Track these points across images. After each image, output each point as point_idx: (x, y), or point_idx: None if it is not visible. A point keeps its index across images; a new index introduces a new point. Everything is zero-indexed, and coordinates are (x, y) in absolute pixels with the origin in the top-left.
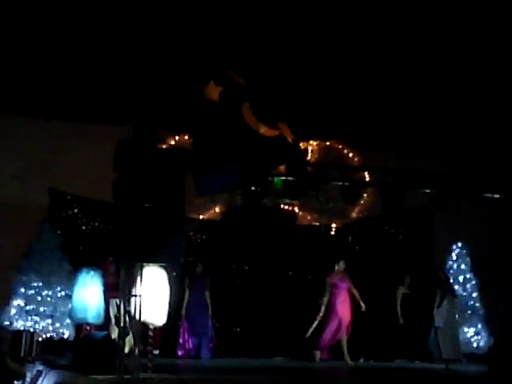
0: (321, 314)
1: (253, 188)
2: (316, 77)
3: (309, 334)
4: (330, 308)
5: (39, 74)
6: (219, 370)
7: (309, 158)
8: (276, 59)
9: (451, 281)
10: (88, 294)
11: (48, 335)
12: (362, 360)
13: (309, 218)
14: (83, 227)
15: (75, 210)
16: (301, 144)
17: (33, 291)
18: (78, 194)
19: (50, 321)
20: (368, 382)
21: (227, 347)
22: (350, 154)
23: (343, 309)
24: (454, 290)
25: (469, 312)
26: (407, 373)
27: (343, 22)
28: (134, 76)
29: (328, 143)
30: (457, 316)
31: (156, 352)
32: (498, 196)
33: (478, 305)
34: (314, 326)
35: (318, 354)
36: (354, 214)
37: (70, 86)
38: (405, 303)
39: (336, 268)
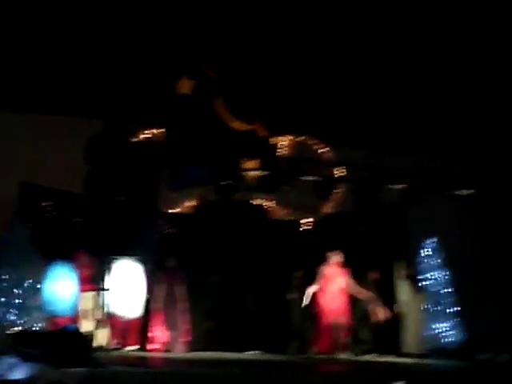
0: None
1: (225, 182)
2: (289, 72)
3: None
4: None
5: (8, 66)
6: (192, 364)
7: (282, 153)
8: (249, 54)
9: (421, 277)
10: (60, 287)
11: (20, 328)
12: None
13: (281, 213)
14: (56, 220)
15: (47, 203)
16: (274, 139)
17: (5, 284)
18: (52, 186)
19: (21, 313)
20: (339, 376)
21: (200, 341)
22: (323, 150)
23: (326, 303)
24: (420, 287)
25: (442, 307)
26: (381, 366)
27: (313, 16)
28: (107, 69)
29: (301, 139)
30: (424, 312)
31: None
32: (469, 192)
33: (450, 300)
34: None
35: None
36: (326, 210)
37: (42, 79)
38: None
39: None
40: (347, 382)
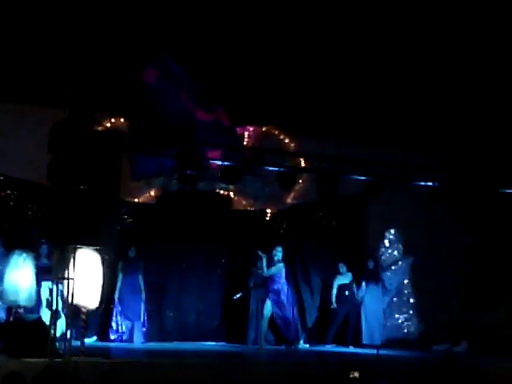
0: None
1: (189, 172)
2: (254, 61)
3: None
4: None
5: None
6: (152, 354)
7: (245, 142)
8: (213, 43)
9: (381, 267)
10: (20, 276)
11: None
12: (298, 345)
13: (244, 202)
14: (16, 208)
15: (8, 191)
16: (237, 129)
17: None
18: (12, 175)
19: None
20: (299, 366)
21: (160, 331)
22: (287, 140)
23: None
24: (379, 278)
25: (400, 298)
26: (337, 357)
27: (276, 3)
28: (71, 57)
29: (264, 128)
30: (382, 304)
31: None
32: (431, 184)
33: (409, 291)
34: None
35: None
36: (289, 200)
37: (6, 67)
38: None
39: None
40: (305, 372)
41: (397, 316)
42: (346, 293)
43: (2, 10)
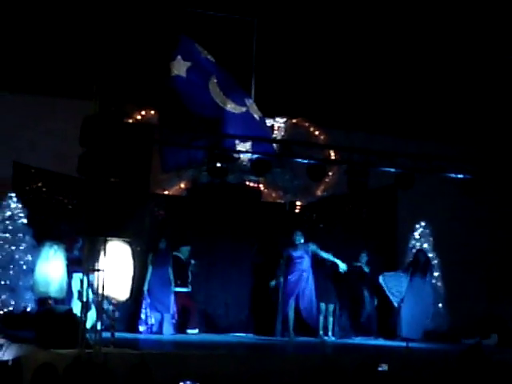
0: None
1: (218, 164)
2: (284, 53)
3: None
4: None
5: (3, 47)
6: (181, 346)
7: (275, 135)
8: (244, 35)
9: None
10: (51, 268)
11: (10, 309)
12: (326, 337)
13: (274, 195)
14: (48, 201)
15: (39, 184)
16: (267, 121)
17: None
18: (43, 167)
19: (11, 294)
20: (328, 358)
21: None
22: (317, 132)
23: (291, 286)
24: (427, 272)
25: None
26: (367, 349)
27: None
28: (102, 50)
29: (294, 121)
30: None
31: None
32: (461, 176)
33: (439, 284)
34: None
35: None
36: (319, 192)
37: (36, 60)
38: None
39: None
40: (332, 364)
41: (426, 309)
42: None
43: (34, 6)
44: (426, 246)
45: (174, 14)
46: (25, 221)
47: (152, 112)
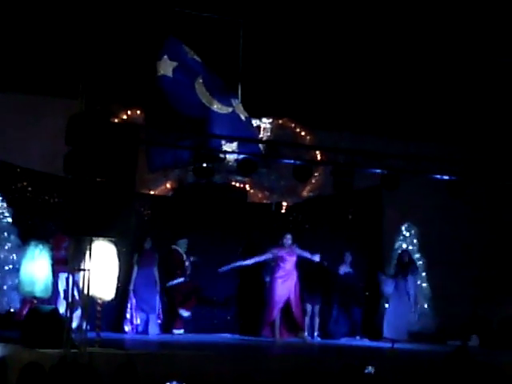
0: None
1: (204, 164)
2: (270, 54)
3: None
4: (270, 283)
5: None
6: (166, 346)
7: (261, 135)
8: (230, 35)
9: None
10: (36, 268)
11: None
12: (310, 337)
13: (260, 195)
14: (33, 200)
15: (24, 183)
16: (253, 121)
17: None
18: (28, 167)
19: None
20: (313, 359)
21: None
22: (303, 133)
23: (281, 287)
24: (410, 272)
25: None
26: (353, 350)
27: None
28: (88, 49)
29: (281, 121)
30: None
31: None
32: (447, 177)
33: (424, 285)
34: None
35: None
36: (304, 193)
37: (22, 58)
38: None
39: (284, 242)
40: (320, 365)
41: (411, 310)
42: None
43: (17, 3)
44: (411, 247)
45: (161, 14)
46: (10, 220)
47: (138, 111)
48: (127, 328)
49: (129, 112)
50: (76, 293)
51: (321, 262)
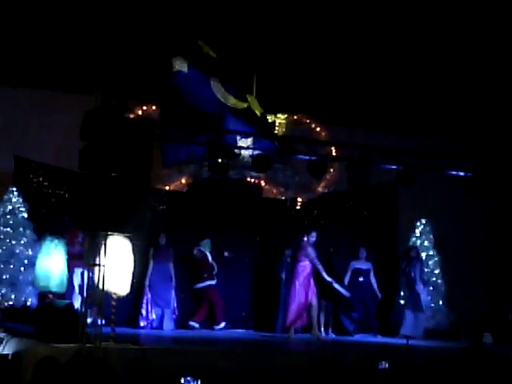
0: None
1: (219, 160)
2: (285, 50)
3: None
4: (290, 285)
5: (5, 41)
6: (182, 341)
7: (276, 131)
8: (245, 31)
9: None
10: (51, 263)
11: (10, 303)
12: (324, 334)
13: (274, 191)
14: (48, 195)
15: (40, 178)
16: (268, 117)
17: None
18: (44, 161)
19: (12, 288)
20: (327, 355)
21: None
22: (318, 129)
23: (301, 289)
24: (412, 267)
25: (430, 288)
26: (367, 346)
27: None
28: (103, 45)
29: (296, 117)
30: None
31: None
32: (462, 174)
33: (439, 281)
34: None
35: (291, 331)
36: (319, 189)
37: (38, 54)
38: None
39: (305, 239)
40: (334, 361)
41: (426, 307)
42: (361, 279)
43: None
44: (426, 243)
45: (176, 9)
46: (25, 215)
47: (153, 107)
48: (142, 323)
49: (144, 107)
50: (91, 288)
51: (329, 282)
